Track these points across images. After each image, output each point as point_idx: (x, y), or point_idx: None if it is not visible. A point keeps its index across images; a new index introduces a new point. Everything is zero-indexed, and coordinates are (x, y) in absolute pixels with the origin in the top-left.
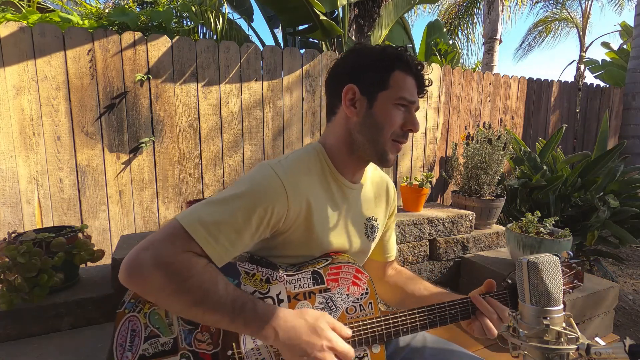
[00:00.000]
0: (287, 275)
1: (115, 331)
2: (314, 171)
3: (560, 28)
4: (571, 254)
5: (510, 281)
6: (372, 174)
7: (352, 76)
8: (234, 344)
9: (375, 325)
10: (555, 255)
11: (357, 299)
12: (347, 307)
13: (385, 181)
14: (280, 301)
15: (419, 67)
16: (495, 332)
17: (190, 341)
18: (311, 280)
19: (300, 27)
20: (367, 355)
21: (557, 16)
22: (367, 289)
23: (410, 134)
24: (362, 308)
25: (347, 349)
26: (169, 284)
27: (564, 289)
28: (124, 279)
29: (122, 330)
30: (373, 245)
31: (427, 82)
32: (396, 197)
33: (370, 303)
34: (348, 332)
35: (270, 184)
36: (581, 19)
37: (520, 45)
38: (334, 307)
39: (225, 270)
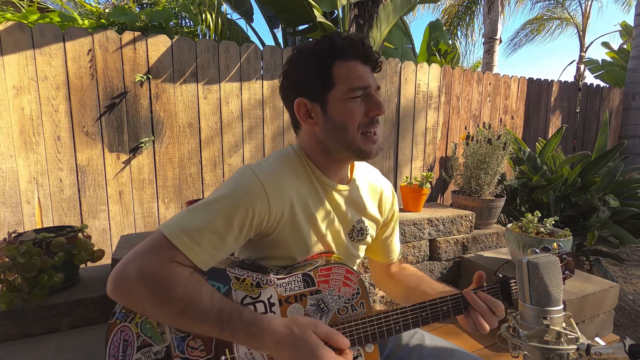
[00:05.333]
0: (278, 279)
1: (108, 342)
2: (297, 171)
3: (553, 27)
4: (561, 245)
5: (501, 275)
6: (367, 176)
7: (297, 89)
8: (227, 350)
9: (368, 324)
10: (546, 247)
11: (349, 300)
12: (338, 308)
13: (380, 185)
14: (271, 305)
15: (359, 46)
16: (487, 327)
17: (183, 349)
18: (302, 282)
19: (300, 27)
20: (360, 355)
21: (551, 14)
22: (358, 289)
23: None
24: (354, 308)
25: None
26: (153, 296)
27: None
28: (111, 293)
29: (114, 341)
30: (362, 247)
31: (374, 57)
32: (395, 201)
33: (362, 303)
34: (346, 342)
35: (250, 185)
36: (581, 19)
37: (511, 40)
38: (325, 308)
39: (215, 276)
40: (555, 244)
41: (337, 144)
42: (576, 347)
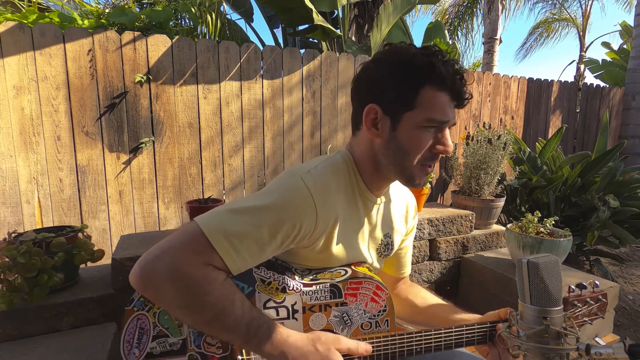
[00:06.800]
0: (304, 286)
1: (123, 328)
2: (342, 184)
3: (560, 28)
4: (598, 284)
5: (518, 296)
6: (395, 189)
7: (373, 94)
8: (243, 350)
9: (390, 343)
10: (581, 284)
11: (374, 316)
12: (362, 323)
13: (407, 198)
14: (295, 312)
15: (457, 79)
16: None
17: (200, 343)
18: (329, 293)
19: (300, 27)
20: None
21: (557, 17)
22: (385, 306)
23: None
24: (377, 325)
25: None
26: (182, 298)
27: (585, 320)
28: (136, 285)
29: (130, 328)
30: (382, 260)
31: (465, 96)
32: (417, 214)
33: (387, 321)
34: (367, 347)
35: (301, 198)
36: (581, 19)
37: (522, 46)
38: (349, 321)
39: (240, 276)
40: (591, 281)
41: (391, 165)
42: (576, 347)
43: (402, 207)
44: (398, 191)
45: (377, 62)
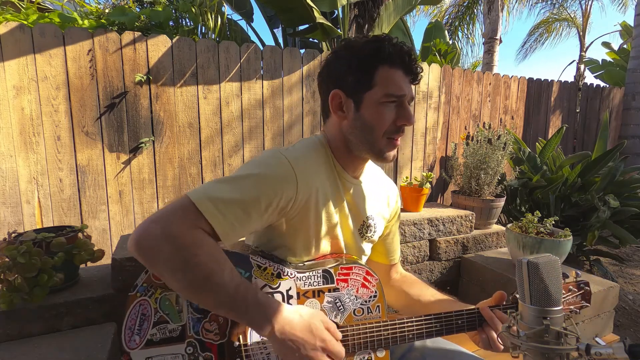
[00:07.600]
0: (298, 272)
1: (126, 314)
2: (321, 161)
3: (561, 28)
4: (579, 273)
5: (518, 295)
6: (375, 174)
7: (336, 81)
8: (240, 336)
9: (382, 329)
10: (564, 273)
11: (366, 301)
12: (354, 309)
13: (387, 184)
14: (289, 297)
15: (405, 56)
16: (501, 346)
17: (198, 330)
18: (321, 278)
19: (301, 27)
20: (371, 359)
21: (557, 17)
22: (375, 292)
23: (410, 128)
24: (369, 311)
25: (339, 350)
26: (176, 257)
27: (572, 309)
28: (133, 249)
29: (132, 314)
30: (366, 244)
31: (417, 70)
32: (399, 199)
33: (378, 306)
34: (339, 335)
35: (281, 168)
36: (581, 19)
37: (522, 46)
38: (342, 307)
39: (238, 262)
40: (573, 272)
41: (360, 142)
42: (576, 347)
43: (383, 193)
44: (379, 179)
45: (336, 54)
